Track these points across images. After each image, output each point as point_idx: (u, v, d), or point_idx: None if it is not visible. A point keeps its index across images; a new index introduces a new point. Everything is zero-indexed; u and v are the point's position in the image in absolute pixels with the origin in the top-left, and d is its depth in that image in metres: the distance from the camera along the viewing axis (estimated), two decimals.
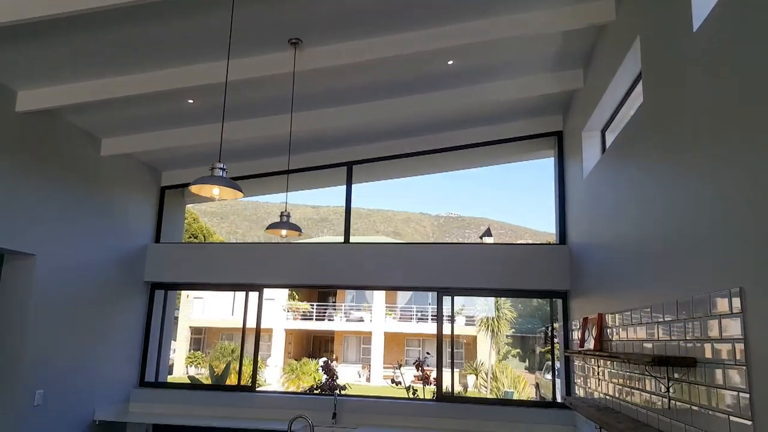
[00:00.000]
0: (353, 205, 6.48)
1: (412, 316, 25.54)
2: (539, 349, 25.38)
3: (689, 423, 2.64)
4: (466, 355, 23.30)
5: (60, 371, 5.09)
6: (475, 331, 22.90)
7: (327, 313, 26.86)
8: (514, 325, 24.74)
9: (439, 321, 6.09)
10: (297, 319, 26.07)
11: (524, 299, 26.90)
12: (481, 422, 5.56)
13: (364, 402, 5.97)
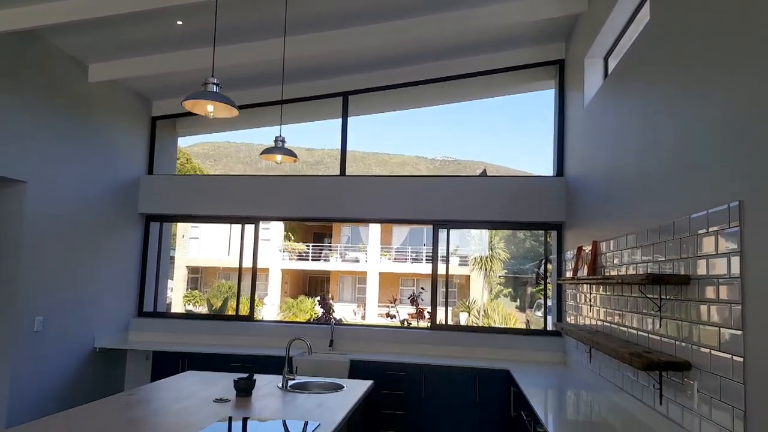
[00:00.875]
0: (348, 147, 6.36)
1: (407, 256, 25.83)
2: (530, 289, 25.89)
3: (680, 339, 2.70)
4: (459, 294, 23.76)
5: (58, 299, 5.14)
6: (469, 271, 23.25)
7: (323, 253, 27.13)
8: (506, 266, 25.14)
9: (435, 255, 6.13)
10: (293, 259, 26.34)
11: (517, 242, 27.22)
12: (473, 348, 5.72)
13: (360, 330, 6.10)
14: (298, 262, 26.46)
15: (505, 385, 5.05)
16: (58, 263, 5.13)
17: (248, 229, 6.42)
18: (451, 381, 5.16)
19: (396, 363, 5.27)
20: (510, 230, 27.14)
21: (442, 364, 5.19)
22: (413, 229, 25.57)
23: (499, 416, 5.04)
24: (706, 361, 2.42)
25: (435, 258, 6.12)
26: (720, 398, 2.28)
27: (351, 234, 27.50)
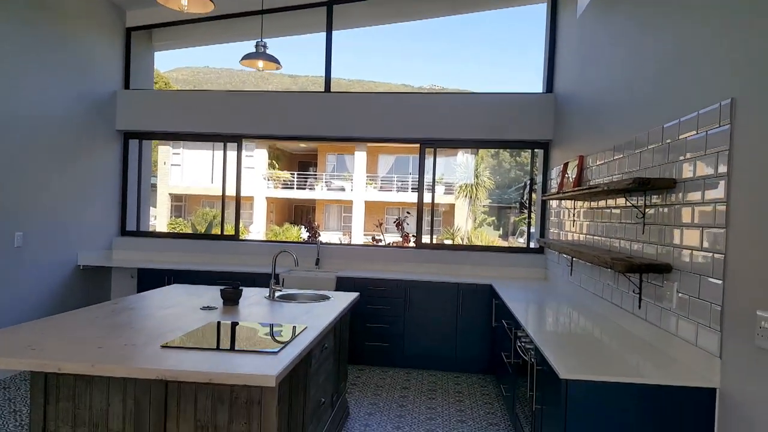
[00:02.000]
0: (333, 75, 6.12)
1: (393, 185, 25.82)
2: (513, 218, 26.24)
3: (662, 243, 2.73)
4: (444, 222, 24.02)
5: (39, 215, 5.06)
6: (454, 199, 23.39)
7: (308, 182, 27.00)
8: (491, 195, 25.30)
9: (420, 178, 6.09)
10: (278, 188, 26.21)
11: (502, 172, 27.27)
12: (457, 266, 5.81)
13: (346, 249, 6.14)
14: (283, 191, 26.35)
15: (487, 299, 5.17)
16: (35, 179, 5.00)
17: (231, 153, 6.29)
18: (435, 296, 5.27)
19: (381, 279, 5.34)
20: (496, 154, 27.11)
21: (427, 280, 5.28)
22: (399, 157, 25.44)
23: (482, 327, 5.19)
24: (686, 262, 2.46)
25: (421, 182, 6.09)
26: (699, 296, 2.34)
27: (336, 162, 27.29)
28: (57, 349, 2.31)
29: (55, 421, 2.41)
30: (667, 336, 2.61)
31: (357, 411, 4.19)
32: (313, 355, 3.01)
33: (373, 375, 5.12)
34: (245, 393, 2.33)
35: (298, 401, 2.71)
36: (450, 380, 5.06)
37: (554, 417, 2.37)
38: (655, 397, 2.19)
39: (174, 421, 2.36)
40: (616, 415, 2.21)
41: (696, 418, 2.17)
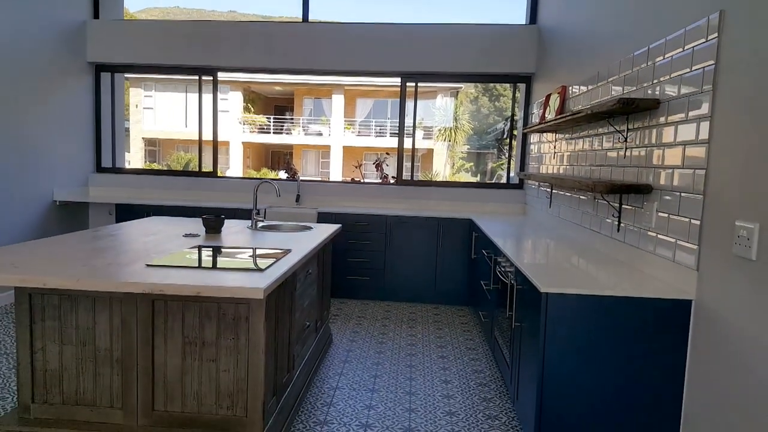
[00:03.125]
0: (310, 16, 5.89)
1: (371, 130, 25.54)
2: (491, 164, 26.34)
3: (644, 165, 2.77)
4: (423, 167, 24.00)
5: (10, 150, 4.89)
6: (432, 144, 23.31)
7: (284, 127, 26.53)
8: (470, 141, 25.25)
9: (402, 113, 6.01)
10: (254, 132, 25.72)
11: (480, 118, 27.12)
12: (437, 202, 5.85)
13: (327, 186, 6.12)
14: (260, 136, 25.88)
15: (467, 233, 5.24)
16: (3, 113, 4.81)
17: (206, 96, 6.09)
18: (415, 231, 5.32)
19: (362, 214, 5.36)
20: (475, 99, 26.89)
21: (407, 215, 5.31)
22: (377, 101, 25.06)
23: (461, 260, 5.29)
24: (667, 182, 2.51)
25: (402, 120, 6.01)
26: (678, 213, 2.40)
27: (313, 107, 26.77)
28: (40, 267, 2.28)
29: (42, 340, 2.41)
30: (645, 255, 2.69)
31: (339, 339, 4.28)
32: (298, 279, 3.04)
33: (355, 307, 5.22)
34: (232, 309, 2.35)
35: (284, 322, 2.76)
36: (429, 311, 5.19)
37: (533, 333, 2.46)
38: (632, 309, 2.28)
39: (162, 338, 2.38)
40: (594, 327, 2.30)
41: (671, 329, 2.27)
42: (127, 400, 2.39)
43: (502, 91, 26.56)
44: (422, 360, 3.89)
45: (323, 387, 3.37)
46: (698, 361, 2.18)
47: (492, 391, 3.40)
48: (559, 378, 2.32)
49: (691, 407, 2.23)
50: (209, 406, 2.39)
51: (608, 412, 2.31)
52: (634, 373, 2.29)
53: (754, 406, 1.81)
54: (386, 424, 2.93)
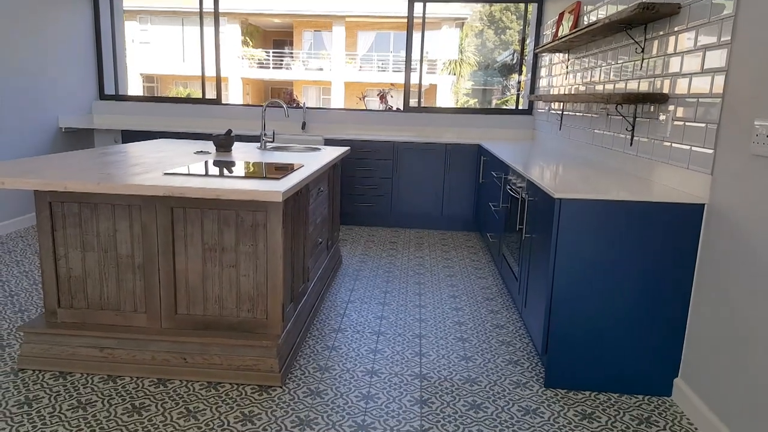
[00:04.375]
0: None
1: (373, 65, 24.97)
2: (495, 102, 25.93)
3: (661, 74, 2.73)
4: (426, 103, 23.65)
5: (12, 78, 4.81)
6: (436, 78, 22.86)
7: (284, 62, 25.94)
8: (474, 77, 24.75)
9: (409, 35, 5.86)
10: (253, 67, 25.17)
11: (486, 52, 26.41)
12: (445, 129, 5.81)
13: (333, 113, 6.05)
14: (259, 71, 25.34)
15: (475, 158, 5.24)
16: (2, 40, 4.69)
17: (207, 30, 5.91)
18: (422, 157, 5.31)
19: (369, 141, 5.33)
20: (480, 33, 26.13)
21: (415, 141, 5.29)
22: (379, 34, 24.38)
23: (468, 186, 5.31)
24: (684, 90, 2.49)
25: (409, 42, 5.86)
26: (695, 119, 2.39)
27: (313, 40, 26.06)
28: (59, 175, 2.30)
29: (64, 247, 2.47)
30: (659, 166, 2.70)
31: (349, 261, 4.37)
32: (311, 194, 3.07)
33: (362, 233, 5.29)
34: (250, 217, 2.39)
35: (299, 234, 2.81)
36: (436, 236, 5.26)
37: (543, 242, 2.50)
38: (644, 214, 2.31)
39: (182, 244, 2.43)
40: (605, 233, 2.34)
41: (682, 233, 2.31)
42: (150, 305, 2.48)
43: (508, 23, 25.76)
44: (430, 279, 3.98)
45: (336, 301, 3.47)
46: (707, 265, 2.23)
47: (499, 305, 3.50)
48: (569, 283, 2.38)
49: (696, 311, 2.30)
50: (230, 309, 2.47)
51: (615, 315, 2.39)
52: (643, 278, 2.35)
53: (764, 307, 1.87)
54: (398, 331, 3.04)
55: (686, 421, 2.24)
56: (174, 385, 2.37)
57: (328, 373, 2.54)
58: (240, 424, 2.11)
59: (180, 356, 2.42)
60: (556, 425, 2.18)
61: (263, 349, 2.41)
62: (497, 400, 2.35)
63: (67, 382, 2.36)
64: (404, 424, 2.16)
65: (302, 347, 2.80)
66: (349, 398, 2.33)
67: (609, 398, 2.40)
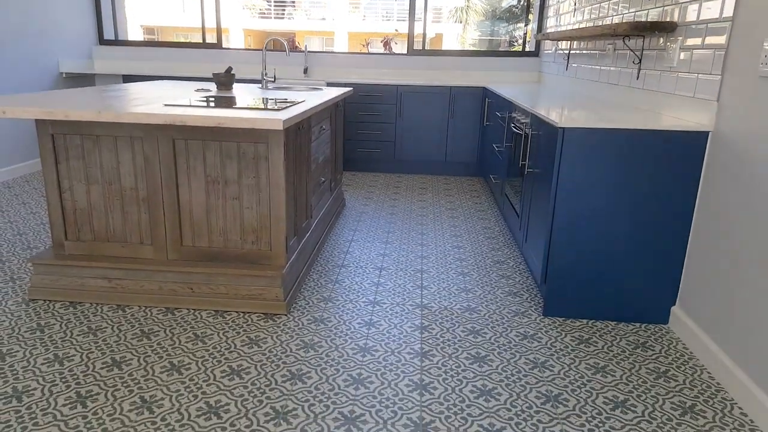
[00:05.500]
0: None
1: (377, 15, 24.35)
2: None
3: (672, 2, 2.66)
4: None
5: (10, 23, 4.73)
6: (442, 28, 22.33)
7: (286, 11, 25.33)
8: (480, 28, 24.14)
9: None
10: (254, 17, 24.60)
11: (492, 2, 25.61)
12: (449, 71, 5.72)
13: (336, 57, 5.95)
14: (260, 21, 24.78)
15: (479, 101, 5.17)
16: None
17: None
18: (426, 101, 5.24)
19: (373, 85, 5.26)
20: None
21: (418, 84, 5.21)
22: None
23: (472, 130, 5.27)
24: (693, 18, 2.43)
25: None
26: (702, 45, 2.34)
27: None
28: (61, 105, 2.30)
29: (68, 179, 2.49)
30: (665, 97, 2.66)
31: (352, 204, 4.39)
32: (313, 131, 3.06)
33: (366, 178, 5.29)
34: (252, 149, 2.39)
35: (301, 170, 2.81)
36: (440, 181, 5.26)
37: (545, 174, 2.50)
38: (647, 143, 2.29)
39: (185, 177, 2.44)
40: (608, 162, 2.33)
41: (686, 162, 2.30)
42: (156, 236, 2.51)
43: None
44: (433, 220, 4.00)
45: (339, 240, 3.51)
46: (709, 194, 2.23)
47: (500, 243, 3.53)
48: (569, 214, 2.39)
49: (696, 240, 2.32)
50: (235, 241, 2.51)
51: (614, 245, 2.41)
52: (644, 207, 2.35)
53: (760, 209, 1.88)
54: (400, 267, 3.09)
55: (682, 345, 2.29)
56: (182, 314, 2.43)
57: (332, 303, 2.60)
58: (246, 347, 2.18)
59: (187, 286, 2.48)
60: (553, 349, 2.23)
61: (268, 279, 2.45)
62: (496, 327, 2.41)
63: (77, 311, 2.42)
64: (405, 347, 2.22)
65: (306, 281, 2.85)
66: (351, 325, 2.39)
67: (606, 326, 2.45)
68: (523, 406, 1.86)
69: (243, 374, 1.99)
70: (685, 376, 2.06)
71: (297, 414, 1.79)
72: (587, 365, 2.12)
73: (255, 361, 2.08)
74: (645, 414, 1.83)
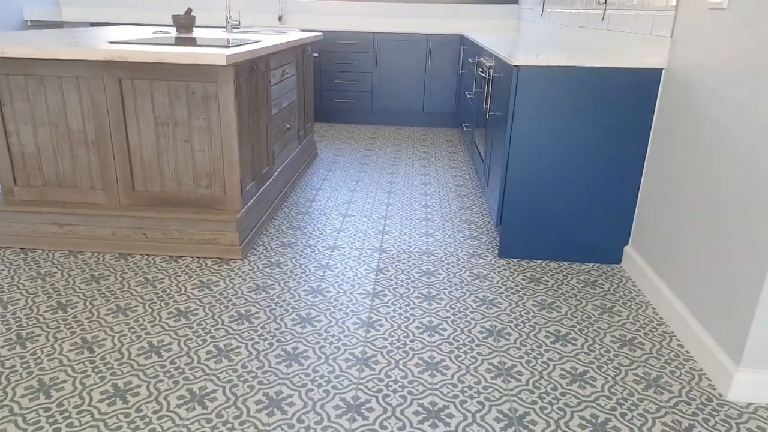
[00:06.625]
0: None
1: None
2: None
3: None
4: None
5: None
6: None
7: None
8: None
9: None
10: None
11: None
12: (427, 19, 5.58)
13: (313, 4, 5.77)
14: None
15: (456, 49, 5.06)
16: None
17: None
18: (403, 49, 5.12)
19: (348, 32, 5.12)
20: None
21: (395, 32, 5.08)
22: None
23: (449, 79, 5.17)
24: None
25: None
26: None
27: None
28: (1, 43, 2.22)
29: (14, 122, 2.42)
30: (626, 36, 2.60)
31: (325, 154, 4.33)
32: (273, 74, 2.98)
33: (342, 129, 5.22)
34: (201, 88, 2.33)
35: (260, 114, 2.75)
36: (417, 132, 5.19)
37: (504, 117, 2.45)
38: (601, 81, 2.25)
39: (133, 118, 2.39)
40: (562, 101, 2.28)
41: (639, 101, 2.26)
42: (107, 181, 2.47)
43: None
44: (404, 169, 3.97)
45: (306, 188, 3.48)
46: (661, 133, 2.20)
47: (468, 190, 3.51)
48: (524, 154, 2.36)
49: (647, 180, 2.30)
50: (188, 185, 2.47)
51: (569, 185, 2.39)
52: (598, 147, 2.33)
53: (711, 156, 1.86)
54: (364, 213, 3.07)
55: (631, 283, 2.30)
56: (135, 259, 2.42)
57: (290, 249, 2.59)
58: (197, 290, 2.18)
59: (140, 231, 2.45)
60: (503, 288, 2.24)
61: (222, 223, 2.43)
62: (450, 268, 2.41)
63: (28, 257, 2.40)
64: (358, 288, 2.23)
65: (267, 227, 2.83)
66: (307, 268, 2.39)
67: (560, 265, 2.46)
68: (465, 340, 1.88)
69: (190, 315, 1.99)
70: (629, 312, 2.08)
71: (239, 351, 1.79)
72: (534, 302, 2.13)
73: (204, 303, 2.08)
74: (584, 347, 1.85)
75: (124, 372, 1.67)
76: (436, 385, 1.65)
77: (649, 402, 1.61)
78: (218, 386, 1.62)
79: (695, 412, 1.57)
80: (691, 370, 1.76)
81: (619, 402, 1.60)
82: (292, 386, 1.63)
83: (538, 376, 1.70)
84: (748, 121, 1.62)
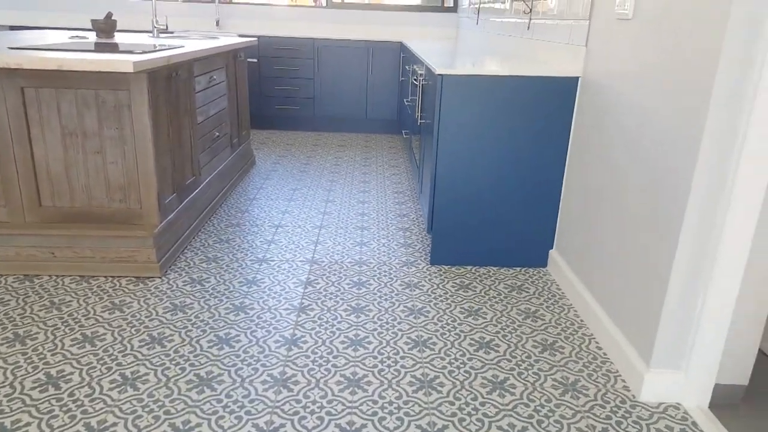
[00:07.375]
0: None
1: None
2: None
3: None
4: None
5: None
6: None
7: None
8: None
9: None
10: None
11: None
12: (369, 26, 5.55)
13: (252, 9, 5.64)
14: None
15: (397, 56, 5.04)
16: None
17: None
18: (345, 56, 5.07)
19: (289, 38, 5.03)
20: None
21: (337, 38, 5.02)
22: None
23: (391, 86, 5.15)
24: None
25: None
26: None
27: None
28: None
29: None
30: (549, 45, 2.61)
31: (264, 162, 4.22)
32: (197, 81, 2.86)
33: (283, 137, 5.11)
34: (112, 97, 2.20)
35: (182, 122, 2.63)
36: (360, 139, 5.14)
37: (431, 123, 2.42)
38: (522, 90, 2.25)
39: (38, 129, 2.23)
40: (485, 109, 2.27)
41: (558, 109, 2.27)
42: (10, 197, 2.30)
43: None
44: (344, 177, 3.90)
45: (240, 198, 3.36)
46: (578, 139, 2.21)
47: (406, 197, 3.47)
48: (451, 161, 2.33)
49: (568, 184, 2.31)
50: (100, 199, 2.33)
51: (495, 191, 2.38)
52: (522, 153, 2.32)
53: (620, 159, 1.87)
54: (298, 224, 2.98)
55: (555, 287, 2.30)
56: (41, 281, 2.25)
57: (215, 264, 2.47)
58: (107, 312, 2.04)
59: (48, 251, 2.29)
60: (433, 296, 2.20)
61: (138, 239, 2.30)
62: (382, 278, 2.35)
63: None
64: (284, 303, 2.14)
65: (192, 241, 2.71)
66: (231, 284, 2.28)
67: (488, 271, 2.44)
68: (390, 353, 1.82)
69: (96, 341, 1.86)
70: (552, 315, 2.07)
71: (147, 379, 1.68)
72: (462, 309, 2.10)
73: (113, 326, 1.95)
74: (506, 353, 1.83)
75: (13, 409, 1.53)
76: (355, 403, 1.59)
77: (565, 407, 1.59)
78: (120, 418, 1.50)
79: (609, 415, 1.56)
80: (608, 372, 1.75)
81: (536, 409, 1.58)
82: (201, 414, 1.53)
83: (459, 387, 1.66)
84: (652, 126, 1.63)
